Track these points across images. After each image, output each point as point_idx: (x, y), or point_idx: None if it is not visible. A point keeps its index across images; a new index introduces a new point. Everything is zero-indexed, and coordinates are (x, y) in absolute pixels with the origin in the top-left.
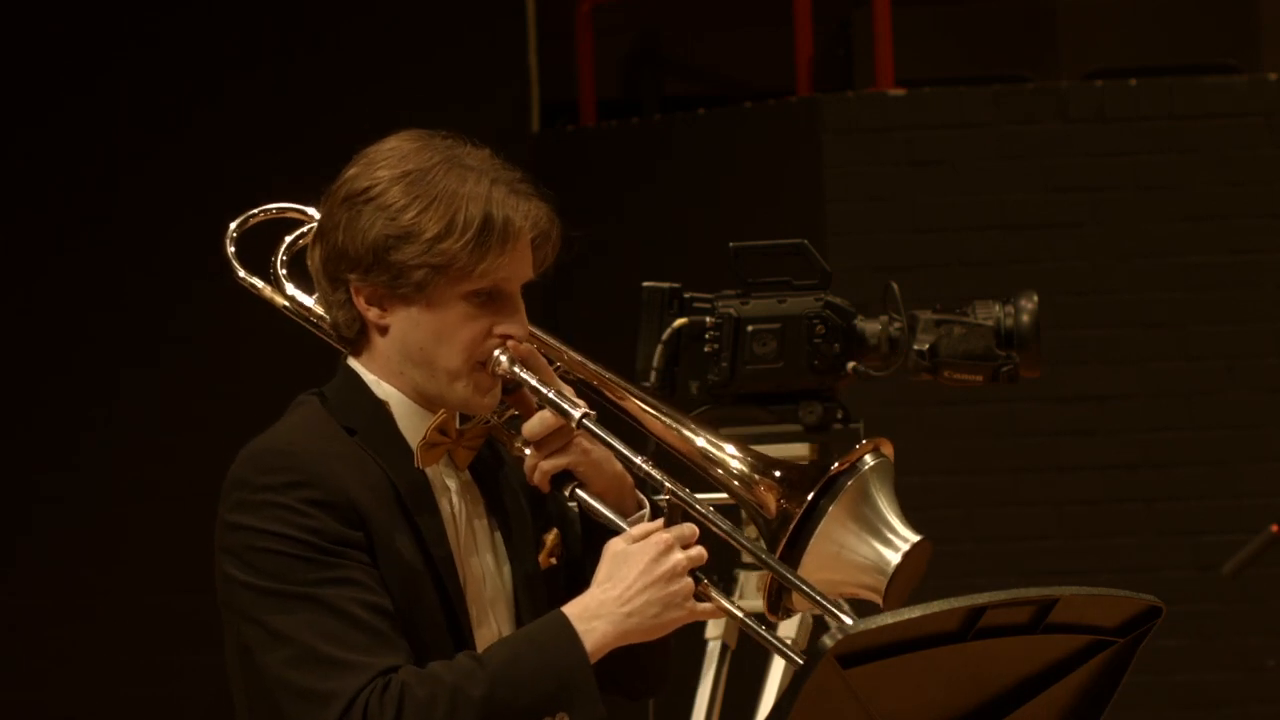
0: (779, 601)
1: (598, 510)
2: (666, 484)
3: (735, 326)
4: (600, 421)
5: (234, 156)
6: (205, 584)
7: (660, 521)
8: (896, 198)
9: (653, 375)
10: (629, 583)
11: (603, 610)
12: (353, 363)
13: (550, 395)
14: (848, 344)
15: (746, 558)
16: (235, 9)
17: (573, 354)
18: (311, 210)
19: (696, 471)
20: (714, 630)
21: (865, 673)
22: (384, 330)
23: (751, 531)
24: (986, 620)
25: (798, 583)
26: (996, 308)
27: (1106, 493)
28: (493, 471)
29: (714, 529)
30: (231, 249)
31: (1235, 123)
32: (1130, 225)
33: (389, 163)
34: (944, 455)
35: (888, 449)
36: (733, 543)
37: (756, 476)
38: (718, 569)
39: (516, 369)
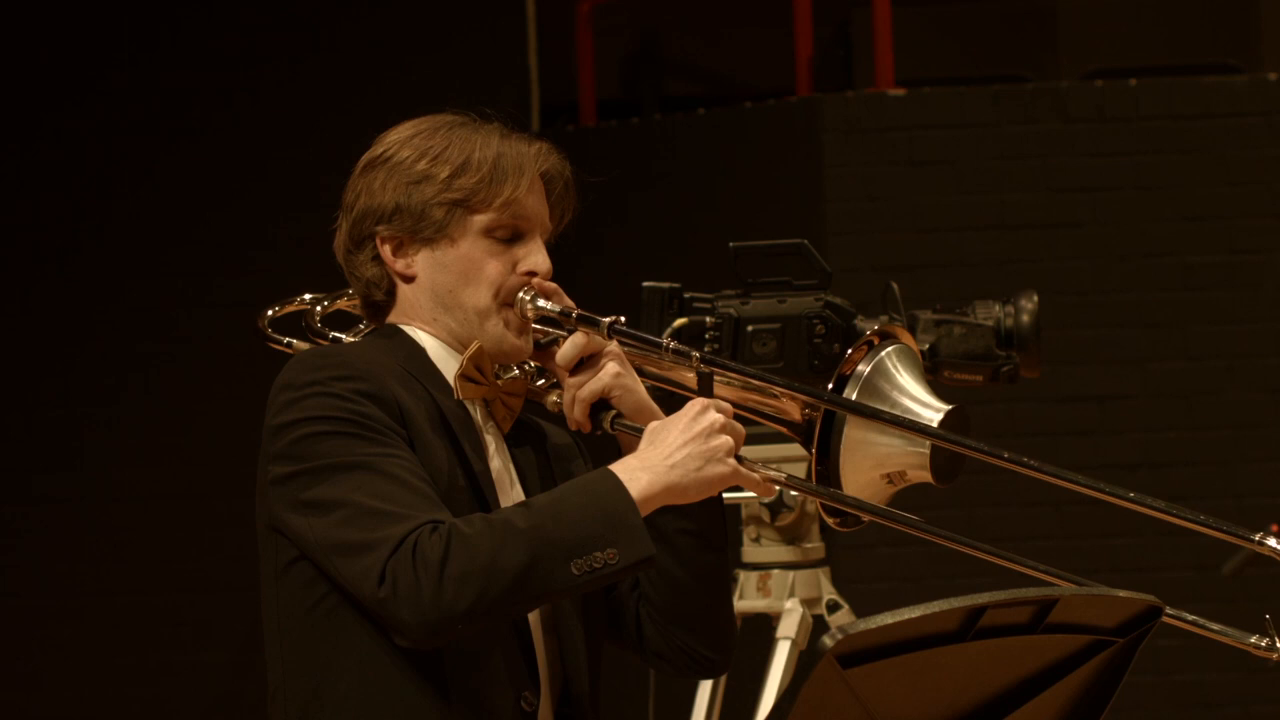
0: (825, 471)
1: (638, 432)
2: (694, 354)
3: (735, 326)
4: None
5: (234, 157)
6: (205, 584)
7: None
8: (896, 198)
9: None
10: (669, 440)
11: (646, 464)
12: (387, 322)
13: (577, 314)
14: (848, 344)
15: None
16: (235, 9)
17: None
18: (325, 298)
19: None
20: None
21: (865, 673)
22: (411, 279)
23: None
24: (986, 620)
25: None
26: (996, 308)
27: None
28: (535, 444)
29: (751, 382)
30: (268, 330)
31: (1235, 123)
32: (1130, 225)
33: (401, 130)
34: None
35: (906, 337)
36: (768, 384)
37: (776, 390)
38: None
39: (542, 302)
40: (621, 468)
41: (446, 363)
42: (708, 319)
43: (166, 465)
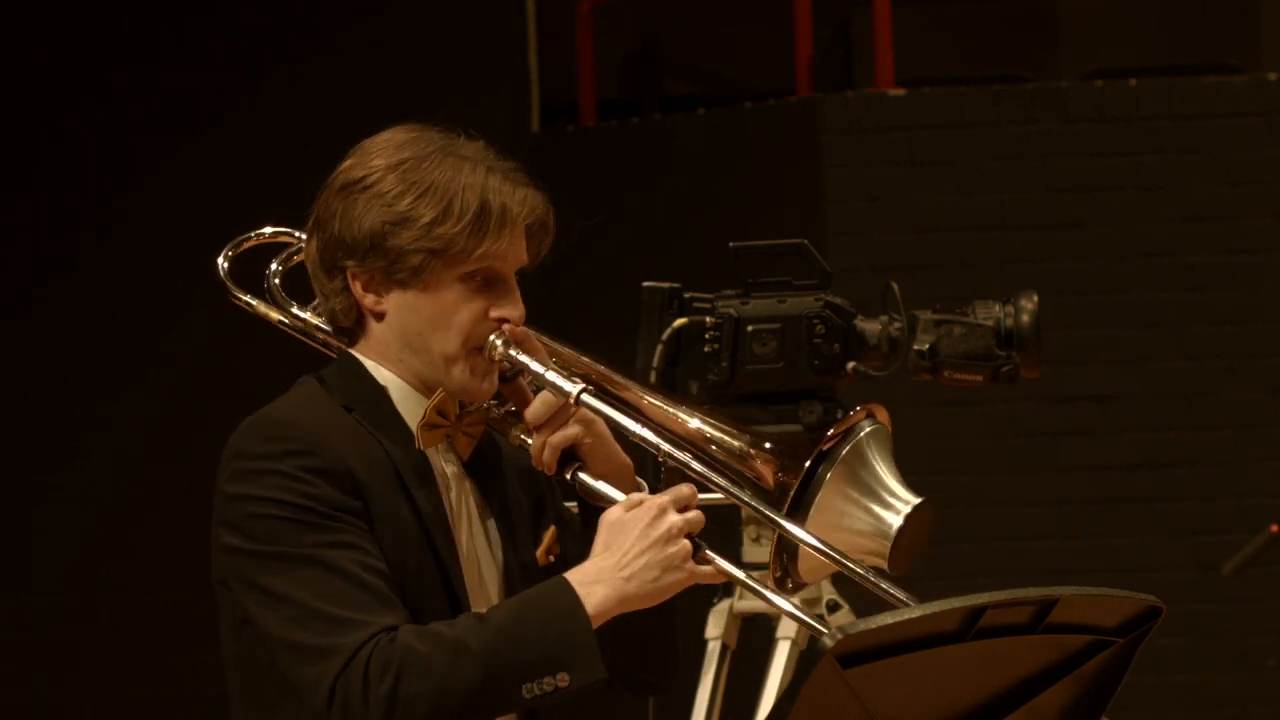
0: (785, 576)
1: (598, 491)
2: (664, 446)
3: (735, 326)
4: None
5: (236, 157)
6: (205, 584)
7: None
8: (896, 198)
9: (652, 375)
10: (626, 548)
11: (602, 576)
12: (351, 350)
13: (547, 375)
14: (848, 344)
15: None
16: (235, 9)
17: (564, 349)
18: (300, 233)
19: (692, 452)
20: (714, 630)
21: (865, 673)
22: (380, 316)
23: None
24: (986, 620)
25: (805, 536)
26: (996, 308)
27: (1106, 493)
28: (492, 463)
29: (713, 487)
30: (225, 267)
31: (1235, 123)
32: (1130, 225)
33: (384, 152)
34: (944, 455)
35: (883, 415)
36: (734, 499)
37: (752, 450)
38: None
39: (512, 351)
40: (578, 578)
41: (408, 405)
42: (708, 319)
43: (167, 465)
